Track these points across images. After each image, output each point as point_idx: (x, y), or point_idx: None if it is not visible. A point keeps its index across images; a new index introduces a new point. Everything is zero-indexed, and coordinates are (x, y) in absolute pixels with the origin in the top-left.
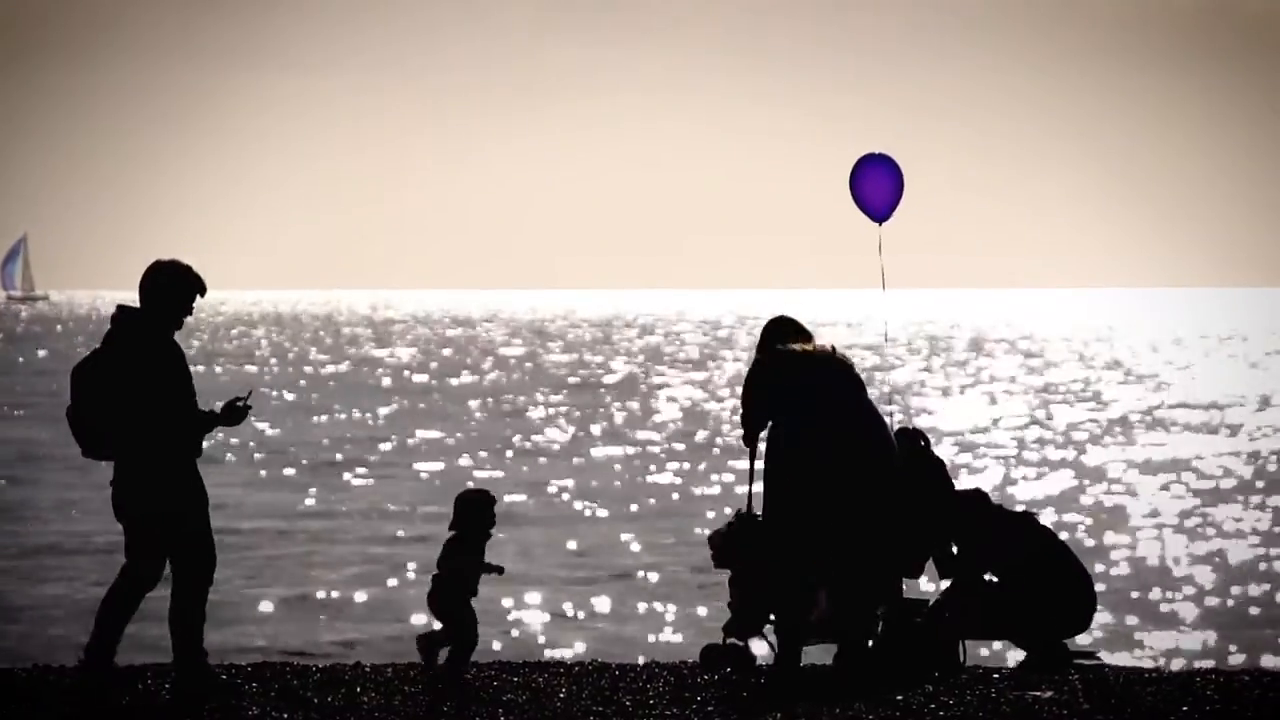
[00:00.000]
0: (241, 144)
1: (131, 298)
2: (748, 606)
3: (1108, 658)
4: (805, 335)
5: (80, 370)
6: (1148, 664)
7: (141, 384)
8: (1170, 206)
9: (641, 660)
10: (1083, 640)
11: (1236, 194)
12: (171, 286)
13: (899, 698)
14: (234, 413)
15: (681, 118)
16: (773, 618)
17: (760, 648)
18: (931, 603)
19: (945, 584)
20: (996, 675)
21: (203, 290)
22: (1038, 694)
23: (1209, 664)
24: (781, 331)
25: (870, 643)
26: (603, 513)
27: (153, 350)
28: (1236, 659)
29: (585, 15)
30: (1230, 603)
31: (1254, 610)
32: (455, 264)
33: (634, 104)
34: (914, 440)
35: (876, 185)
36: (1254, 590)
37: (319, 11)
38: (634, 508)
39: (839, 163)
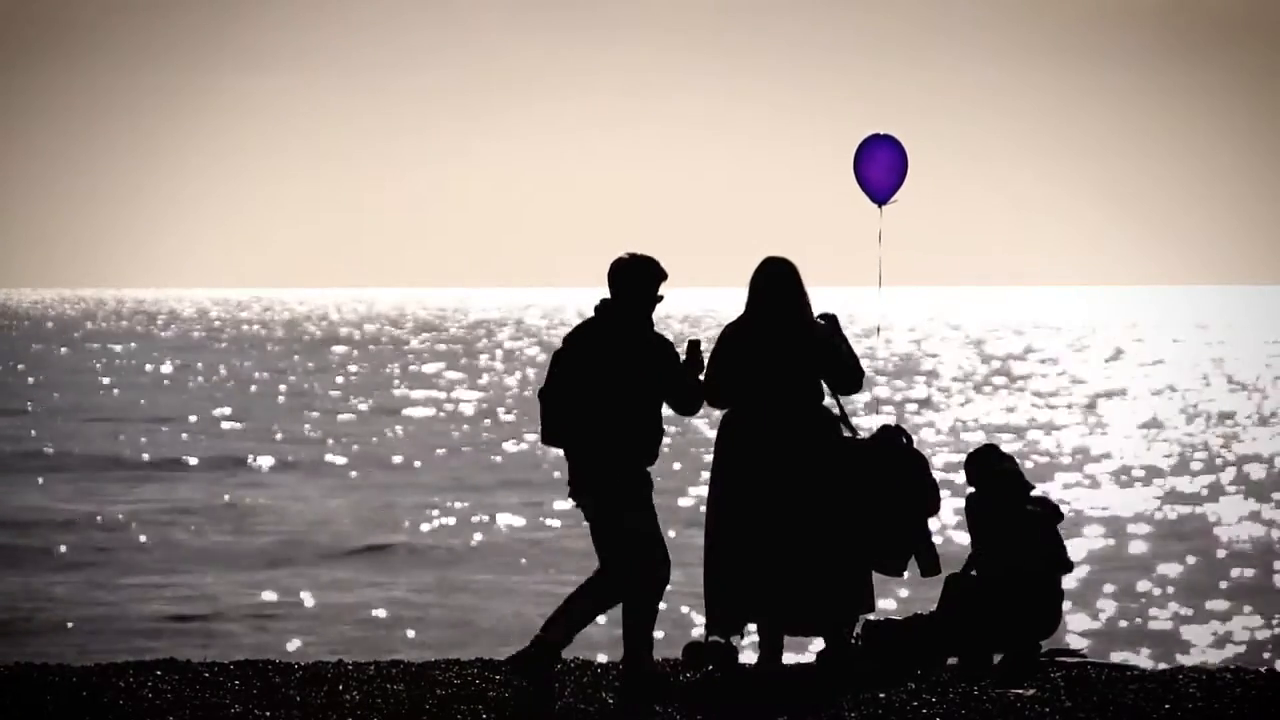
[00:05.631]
0: (197, 143)
1: (70, 295)
2: (729, 603)
3: (1089, 655)
4: (784, 292)
5: (558, 356)
6: (1130, 661)
7: (606, 376)
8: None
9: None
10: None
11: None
12: (636, 277)
13: (881, 695)
14: (696, 356)
15: (676, 117)
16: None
17: (742, 645)
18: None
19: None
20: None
21: (664, 277)
22: (1020, 692)
23: (1191, 661)
24: (761, 289)
25: (852, 640)
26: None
27: (624, 343)
28: (1219, 657)
29: (569, 14)
30: (1213, 602)
31: (1238, 609)
32: (432, 263)
33: (630, 103)
34: (897, 437)
35: (879, 164)
36: (1240, 589)
37: (268, 11)
38: None
39: (829, 157)
